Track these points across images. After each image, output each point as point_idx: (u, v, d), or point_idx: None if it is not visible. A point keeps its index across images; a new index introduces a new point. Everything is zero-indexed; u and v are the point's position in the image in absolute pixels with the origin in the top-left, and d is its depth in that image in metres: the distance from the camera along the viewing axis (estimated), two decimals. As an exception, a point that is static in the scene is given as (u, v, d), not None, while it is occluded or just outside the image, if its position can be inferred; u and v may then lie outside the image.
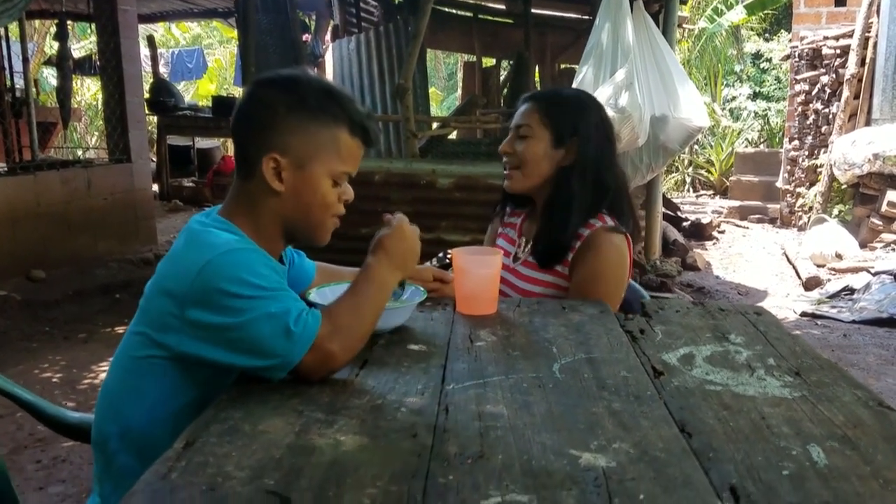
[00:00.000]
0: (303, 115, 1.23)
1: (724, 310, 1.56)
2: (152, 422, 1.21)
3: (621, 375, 1.18)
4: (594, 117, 1.80)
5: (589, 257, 1.71)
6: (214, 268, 1.12)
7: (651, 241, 5.66)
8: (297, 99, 1.23)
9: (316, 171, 1.24)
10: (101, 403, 1.28)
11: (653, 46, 4.68)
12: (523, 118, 1.79)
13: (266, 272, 1.16)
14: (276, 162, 1.22)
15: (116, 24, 6.12)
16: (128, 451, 1.22)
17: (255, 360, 1.13)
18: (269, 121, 1.23)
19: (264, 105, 1.24)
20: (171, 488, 0.83)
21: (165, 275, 1.21)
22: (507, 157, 1.80)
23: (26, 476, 2.68)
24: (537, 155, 1.76)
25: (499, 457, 0.91)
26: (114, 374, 1.28)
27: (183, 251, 1.20)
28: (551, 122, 1.75)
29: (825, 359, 1.28)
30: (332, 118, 1.24)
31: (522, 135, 1.77)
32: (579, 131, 1.74)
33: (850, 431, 0.99)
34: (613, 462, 0.90)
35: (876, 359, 3.99)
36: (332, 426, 0.99)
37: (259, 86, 1.28)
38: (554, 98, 1.84)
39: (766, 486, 0.85)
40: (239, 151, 1.27)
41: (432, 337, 1.38)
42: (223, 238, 1.19)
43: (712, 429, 0.99)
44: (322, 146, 1.24)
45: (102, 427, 1.27)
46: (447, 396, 1.10)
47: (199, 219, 1.28)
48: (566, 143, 1.75)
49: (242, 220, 1.26)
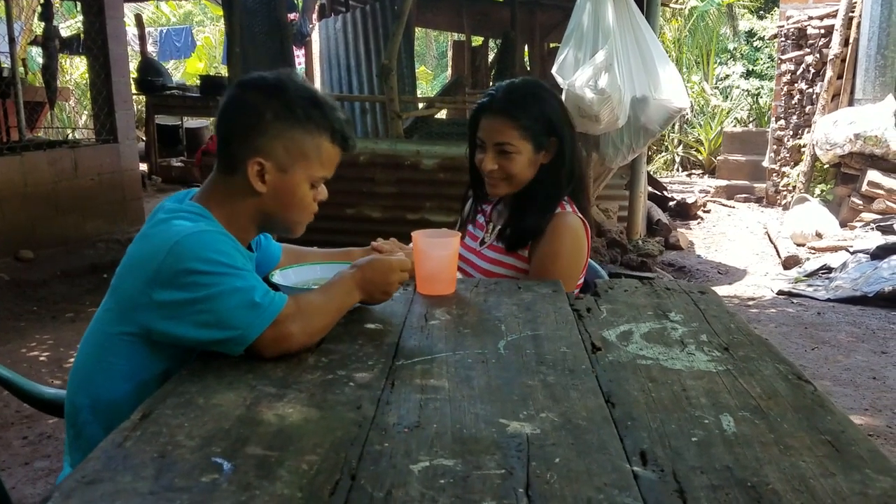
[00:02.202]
0: (289, 122, 1.30)
1: (671, 289, 1.63)
2: (121, 395, 1.28)
3: (561, 351, 1.26)
4: (557, 107, 1.84)
5: (547, 240, 1.78)
6: (182, 248, 1.19)
7: (634, 220, 5.73)
8: (284, 106, 1.30)
9: (297, 176, 1.33)
10: (74, 377, 1.35)
11: (634, 28, 4.72)
12: (500, 135, 1.76)
13: (233, 253, 1.23)
14: (261, 165, 1.30)
15: (102, 3, 6.10)
16: (97, 423, 1.29)
17: (215, 333, 1.19)
18: (256, 125, 1.30)
19: (252, 109, 1.31)
20: (124, 455, 0.90)
21: (135, 255, 1.27)
22: (491, 174, 1.79)
23: (13, 452, 2.76)
24: (523, 167, 1.78)
25: (433, 426, 0.99)
26: (85, 349, 1.34)
27: (152, 232, 1.27)
28: (530, 133, 1.76)
29: (756, 335, 1.35)
30: (315, 127, 1.32)
31: (504, 151, 1.76)
32: (556, 131, 1.78)
33: (764, 403, 1.07)
34: (538, 430, 0.97)
35: (847, 336, 4.09)
36: (282, 399, 1.06)
37: (246, 88, 1.34)
38: (520, 104, 1.78)
39: (674, 451, 0.92)
40: (223, 148, 1.34)
41: (389, 316, 1.45)
42: (192, 222, 1.26)
43: (635, 399, 1.07)
44: (305, 153, 1.32)
45: (74, 399, 1.33)
46: (395, 372, 1.18)
47: (170, 204, 1.35)
48: (545, 146, 1.79)
49: (217, 209, 1.33)
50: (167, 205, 1.34)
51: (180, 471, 0.86)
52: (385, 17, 7.06)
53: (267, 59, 6.46)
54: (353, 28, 7.20)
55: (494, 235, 1.88)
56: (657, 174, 10.27)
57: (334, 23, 7.37)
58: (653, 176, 8.20)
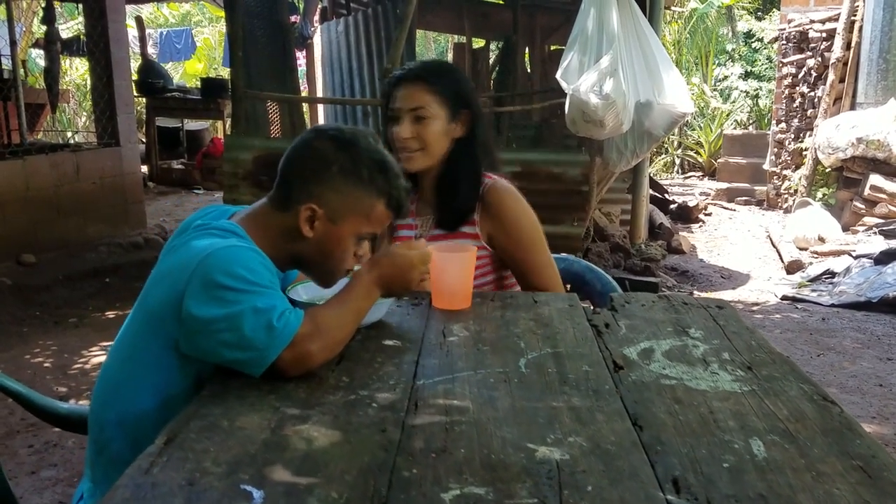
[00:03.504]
0: (352, 179, 1.32)
1: (688, 304, 1.62)
2: (149, 410, 1.27)
3: (583, 370, 1.25)
4: (469, 83, 1.89)
5: (498, 217, 1.82)
6: (212, 261, 1.20)
7: (637, 224, 5.73)
8: (351, 161, 1.32)
9: (345, 230, 1.34)
10: (100, 390, 1.34)
11: (638, 32, 4.72)
12: (416, 100, 1.76)
13: (260, 270, 1.23)
14: (313, 212, 1.31)
15: (104, 6, 6.09)
16: (123, 438, 1.28)
17: (235, 353, 1.19)
18: (319, 173, 1.32)
19: (320, 156, 1.33)
20: (152, 483, 0.89)
21: (165, 267, 1.28)
22: (405, 143, 1.78)
23: (19, 461, 2.75)
24: (438, 134, 1.79)
25: (461, 451, 0.98)
26: (113, 362, 1.33)
27: (183, 246, 1.27)
28: (446, 99, 1.78)
29: (778, 353, 1.34)
30: (376, 190, 1.34)
31: (420, 116, 1.76)
32: (469, 104, 1.82)
33: (792, 426, 1.06)
34: (567, 455, 0.96)
35: (852, 342, 4.09)
36: (306, 422, 1.05)
37: (320, 137, 1.37)
38: (437, 72, 1.82)
39: (707, 478, 0.92)
40: (282, 186, 1.36)
41: (407, 332, 1.44)
42: (224, 238, 1.27)
43: (663, 422, 1.06)
44: (358, 210, 1.34)
45: (100, 414, 1.32)
46: (417, 392, 1.17)
47: (200, 220, 1.35)
48: (459, 118, 1.81)
49: (254, 232, 1.33)
50: (196, 221, 1.34)
51: (210, 500, 0.85)
52: (387, 20, 7.05)
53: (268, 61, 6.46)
54: (354, 31, 7.20)
55: (431, 224, 1.89)
56: (657, 176, 10.27)
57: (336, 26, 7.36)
58: (654, 179, 8.20)
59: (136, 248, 5.95)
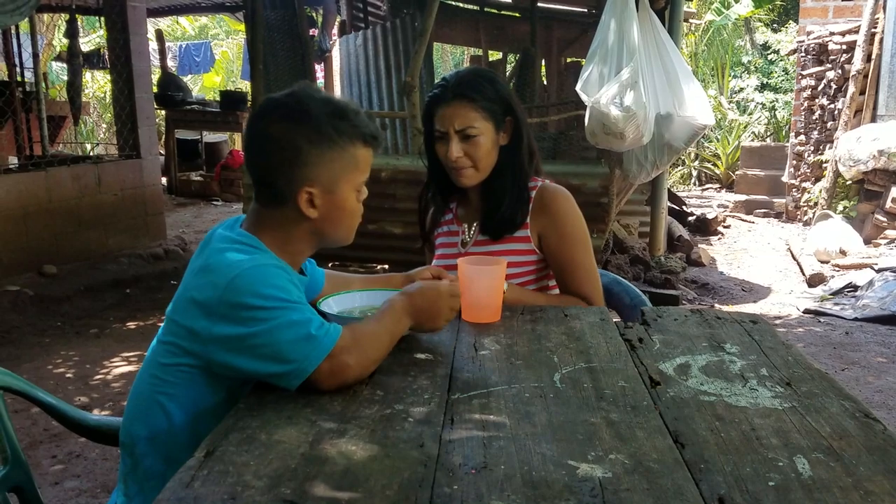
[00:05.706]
0: (324, 145, 1.29)
1: (721, 318, 1.60)
2: (179, 425, 1.27)
3: (619, 385, 1.24)
4: (507, 87, 1.88)
5: (552, 221, 1.82)
6: (240, 283, 1.19)
7: (656, 237, 5.70)
8: (314, 130, 1.28)
9: (345, 190, 1.34)
10: (131, 407, 1.34)
11: (658, 44, 4.71)
12: (462, 120, 1.75)
13: (288, 286, 1.23)
14: (310, 194, 1.30)
15: (126, 20, 6.16)
16: (155, 454, 1.29)
17: (273, 367, 1.18)
18: (293, 157, 1.28)
19: (285, 143, 1.29)
20: (194, 497, 0.88)
21: (192, 287, 1.26)
22: (458, 162, 1.78)
23: (42, 471, 2.75)
24: (488, 149, 1.79)
25: (501, 467, 0.97)
26: (143, 380, 1.33)
27: (209, 265, 1.26)
28: (489, 113, 1.77)
29: (816, 368, 1.32)
30: (348, 139, 1.31)
31: (468, 135, 1.76)
32: (511, 110, 1.81)
33: (836, 443, 1.04)
34: (609, 473, 0.95)
35: (877, 356, 4.03)
36: (344, 436, 1.05)
37: (270, 120, 1.31)
38: (476, 85, 1.78)
39: (753, 497, 0.90)
40: (266, 186, 1.32)
41: (438, 345, 1.44)
42: (248, 255, 1.26)
43: (705, 440, 1.05)
44: (346, 167, 1.32)
45: (131, 430, 1.33)
46: (452, 406, 1.16)
47: (223, 231, 1.34)
48: (503, 127, 1.81)
49: (269, 239, 1.32)
50: (220, 232, 1.34)
51: (253, 515, 0.85)
52: (405, 34, 7.08)
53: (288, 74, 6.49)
54: (373, 44, 7.22)
55: (476, 231, 1.89)
56: (674, 188, 10.23)
57: (354, 39, 7.39)
58: (671, 191, 8.16)
59: (157, 259, 5.99)
